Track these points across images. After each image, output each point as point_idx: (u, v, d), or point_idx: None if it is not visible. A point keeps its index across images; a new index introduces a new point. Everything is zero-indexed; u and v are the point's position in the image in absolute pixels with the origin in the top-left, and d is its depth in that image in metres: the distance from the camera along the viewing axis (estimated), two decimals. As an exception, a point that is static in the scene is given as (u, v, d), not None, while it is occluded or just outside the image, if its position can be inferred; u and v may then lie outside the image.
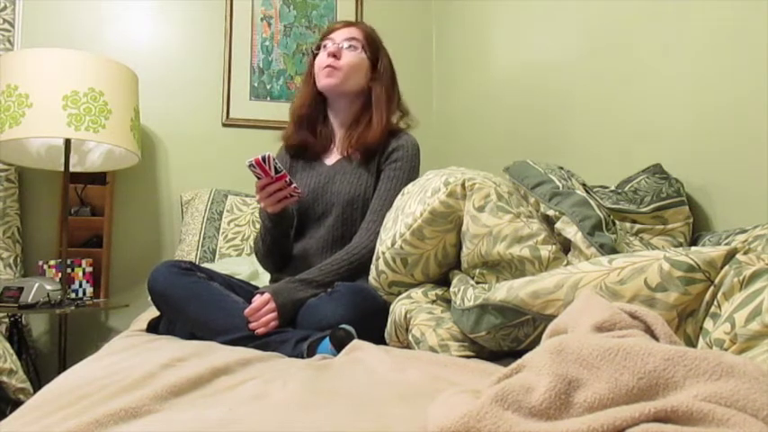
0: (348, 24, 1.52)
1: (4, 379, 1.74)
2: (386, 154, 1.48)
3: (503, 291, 0.86)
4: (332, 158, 1.55)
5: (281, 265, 1.51)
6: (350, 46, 1.47)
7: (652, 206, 1.14)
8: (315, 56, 1.52)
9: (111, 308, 2.34)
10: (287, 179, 1.29)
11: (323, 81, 1.47)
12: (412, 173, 1.47)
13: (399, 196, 1.24)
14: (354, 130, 1.49)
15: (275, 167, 1.26)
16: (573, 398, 0.46)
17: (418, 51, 2.75)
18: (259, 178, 1.29)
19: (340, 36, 1.48)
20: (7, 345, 1.84)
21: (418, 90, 2.71)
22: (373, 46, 1.51)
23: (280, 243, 1.47)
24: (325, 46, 1.48)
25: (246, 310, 1.17)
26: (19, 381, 1.78)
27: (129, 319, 1.81)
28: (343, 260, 1.33)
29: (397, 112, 1.55)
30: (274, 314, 1.17)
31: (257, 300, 1.18)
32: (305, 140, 1.54)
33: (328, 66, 1.45)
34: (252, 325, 1.15)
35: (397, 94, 1.55)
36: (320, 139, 1.54)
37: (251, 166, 1.25)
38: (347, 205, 1.44)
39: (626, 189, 1.21)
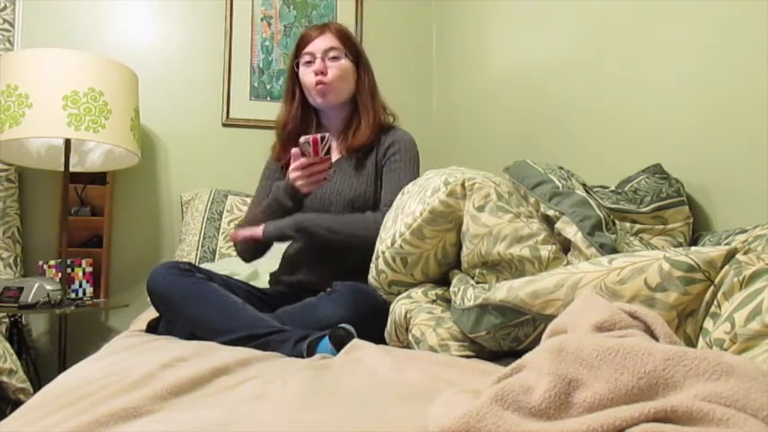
0: (321, 31, 1.48)
1: (4, 379, 1.74)
2: (383, 151, 1.49)
3: (503, 291, 0.86)
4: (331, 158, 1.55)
5: (257, 255, 1.51)
6: (333, 57, 1.46)
7: (652, 206, 1.14)
8: (295, 71, 1.51)
9: (111, 308, 2.34)
10: (330, 163, 1.31)
11: (318, 101, 1.48)
12: (413, 163, 1.48)
13: (399, 195, 1.24)
14: (348, 131, 1.51)
15: (327, 150, 1.28)
16: (573, 398, 0.46)
17: (418, 51, 2.75)
18: (305, 155, 1.29)
19: (318, 48, 1.46)
20: (7, 345, 1.84)
21: (418, 90, 2.72)
22: (351, 46, 1.50)
23: None
24: (308, 63, 1.47)
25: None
26: (19, 381, 1.78)
27: (129, 319, 1.81)
28: (356, 226, 1.36)
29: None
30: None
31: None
32: None
33: (319, 84, 1.45)
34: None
35: (377, 88, 1.55)
36: None
37: (306, 143, 1.27)
38: (347, 205, 1.44)
39: (626, 189, 1.21)
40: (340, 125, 1.54)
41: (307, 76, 1.48)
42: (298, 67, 1.50)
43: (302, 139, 1.27)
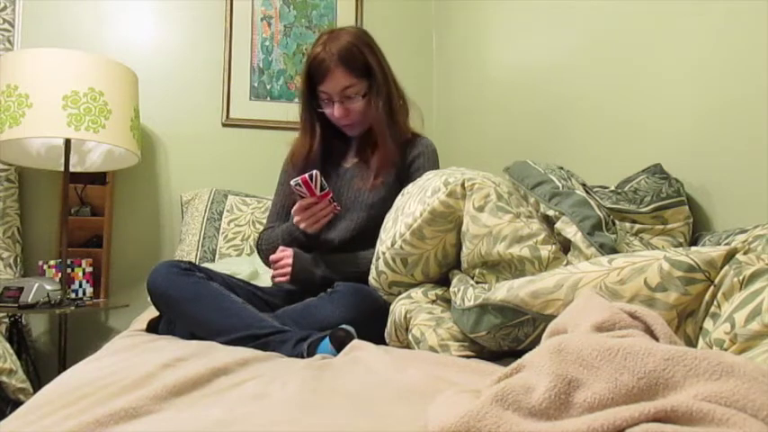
0: (333, 65, 1.38)
1: (4, 379, 1.74)
2: (407, 163, 1.49)
3: (503, 290, 0.86)
4: (349, 161, 1.54)
5: None
6: (349, 97, 1.42)
7: (652, 206, 1.14)
8: (310, 102, 1.47)
9: (111, 308, 2.34)
10: (330, 197, 1.29)
11: (346, 132, 1.50)
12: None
13: (399, 196, 1.24)
14: (368, 141, 1.50)
15: (321, 186, 1.26)
16: (573, 398, 0.46)
17: (418, 51, 2.75)
18: (302, 197, 1.28)
19: (333, 90, 1.40)
20: (7, 345, 1.84)
21: (418, 90, 2.71)
22: (362, 69, 1.42)
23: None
24: (326, 103, 1.43)
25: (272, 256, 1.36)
26: (19, 381, 1.78)
27: (129, 319, 1.81)
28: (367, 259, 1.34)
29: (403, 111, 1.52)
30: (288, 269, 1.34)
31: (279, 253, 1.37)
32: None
33: (345, 126, 1.47)
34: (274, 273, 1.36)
35: (398, 96, 1.50)
36: (337, 148, 1.55)
37: (297, 185, 1.25)
38: (364, 209, 1.43)
39: (626, 189, 1.21)
40: (361, 133, 1.53)
41: (331, 117, 1.46)
42: (319, 107, 1.46)
43: (292, 182, 1.26)
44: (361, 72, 1.42)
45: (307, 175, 1.24)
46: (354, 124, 1.47)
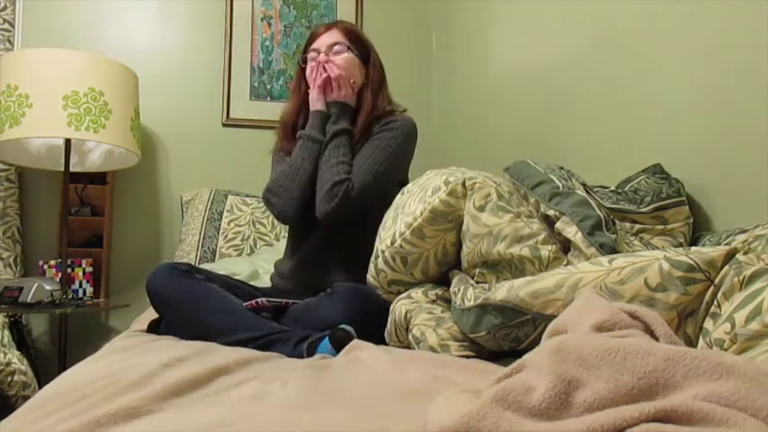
0: (328, 27, 1.49)
1: (6, 379, 1.74)
2: (378, 128, 1.45)
3: (503, 290, 0.86)
4: None
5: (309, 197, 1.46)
6: (336, 51, 1.45)
7: (652, 206, 1.14)
8: (302, 68, 1.51)
9: (111, 308, 2.34)
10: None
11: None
12: (405, 143, 1.44)
13: (399, 195, 1.24)
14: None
15: (273, 304, 1.25)
16: (573, 398, 0.46)
17: (418, 51, 2.75)
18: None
19: (323, 43, 1.46)
20: (13, 348, 1.84)
21: (418, 90, 2.72)
22: (359, 42, 1.49)
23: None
24: (312, 58, 1.47)
25: None
26: (21, 380, 1.77)
27: (129, 319, 1.81)
28: (346, 157, 1.37)
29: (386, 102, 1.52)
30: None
31: None
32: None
33: (322, 79, 1.43)
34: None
35: (385, 85, 1.53)
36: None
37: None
38: None
39: (626, 189, 1.21)
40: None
41: (310, 74, 1.46)
42: (305, 63, 1.50)
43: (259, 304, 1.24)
44: (355, 43, 1.48)
45: (255, 302, 1.22)
46: (328, 80, 1.43)
